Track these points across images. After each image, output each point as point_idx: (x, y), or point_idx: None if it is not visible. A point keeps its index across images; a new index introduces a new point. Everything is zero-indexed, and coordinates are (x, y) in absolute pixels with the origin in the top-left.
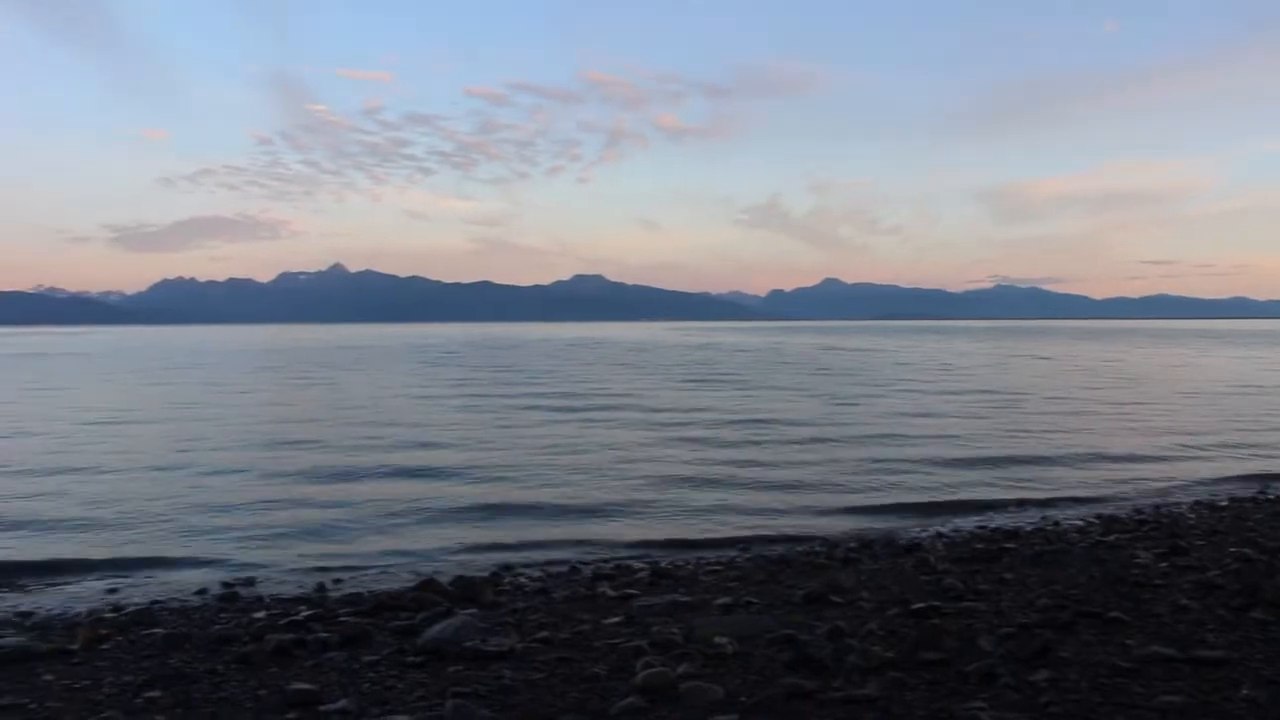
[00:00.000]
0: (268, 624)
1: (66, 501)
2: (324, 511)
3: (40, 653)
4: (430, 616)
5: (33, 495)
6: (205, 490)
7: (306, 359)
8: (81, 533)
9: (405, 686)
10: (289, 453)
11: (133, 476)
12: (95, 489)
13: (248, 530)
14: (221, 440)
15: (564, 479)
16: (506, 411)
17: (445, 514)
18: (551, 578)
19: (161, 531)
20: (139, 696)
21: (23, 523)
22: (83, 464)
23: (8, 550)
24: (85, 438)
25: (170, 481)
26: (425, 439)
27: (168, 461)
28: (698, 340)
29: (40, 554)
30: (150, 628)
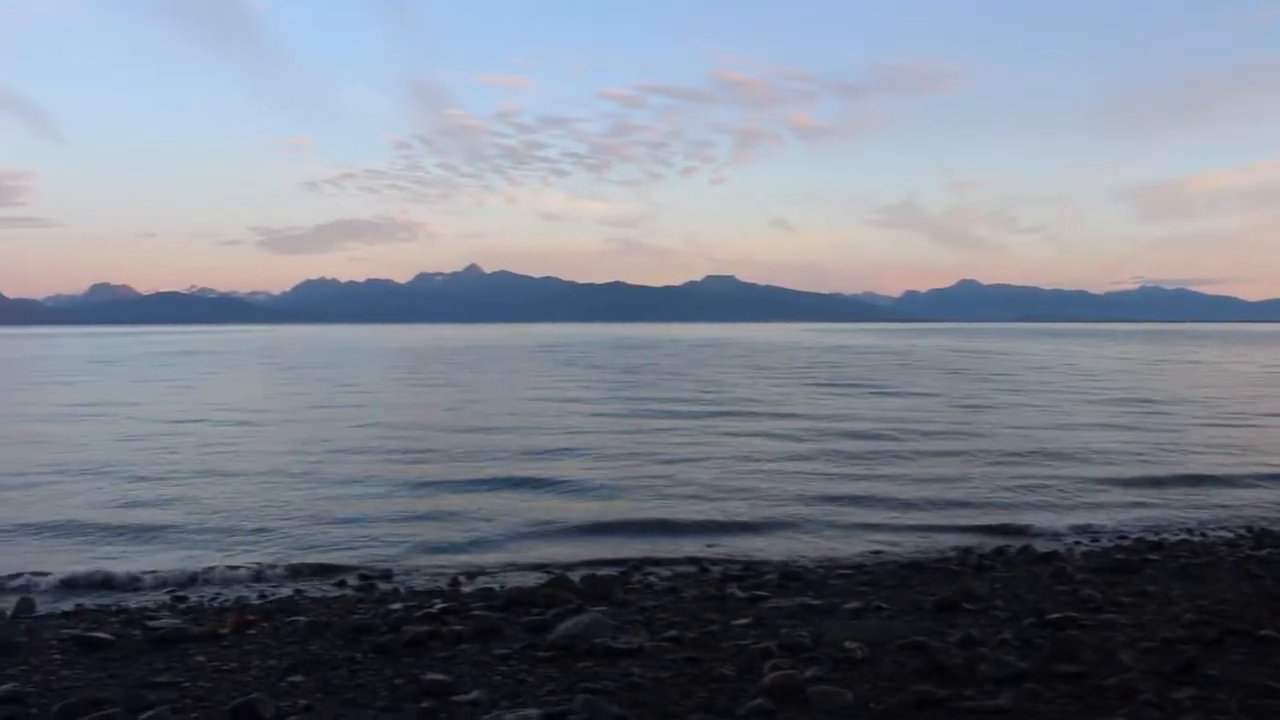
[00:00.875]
0: (403, 616)
1: (212, 495)
2: (457, 512)
3: (193, 635)
4: (561, 613)
5: (179, 493)
6: (341, 489)
7: (441, 359)
8: (226, 523)
9: (536, 680)
10: (421, 454)
11: (273, 475)
12: (238, 483)
13: (382, 527)
14: (357, 441)
15: (694, 490)
16: (636, 419)
17: (574, 517)
18: (680, 578)
19: (301, 525)
20: (283, 680)
21: (170, 521)
22: (228, 460)
23: (160, 541)
24: (230, 435)
25: (309, 479)
26: (555, 445)
27: (307, 460)
28: (829, 342)
29: (189, 545)
30: (293, 616)
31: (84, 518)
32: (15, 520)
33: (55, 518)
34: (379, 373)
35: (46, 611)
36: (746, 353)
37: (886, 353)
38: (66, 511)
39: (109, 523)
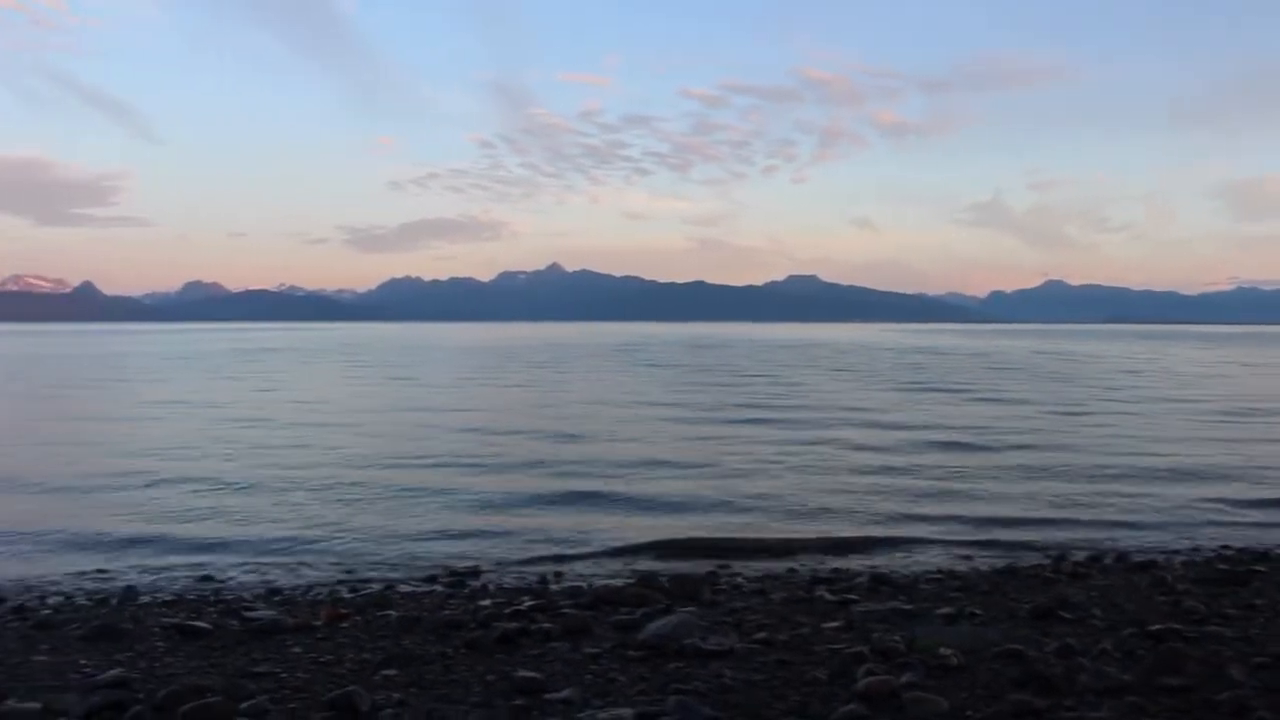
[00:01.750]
0: (493, 612)
1: (300, 490)
2: (540, 513)
3: (288, 627)
4: (650, 612)
5: (267, 489)
6: (426, 489)
7: (521, 358)
8: (313, 517)
9: (627, 680)
10: (502, 454)
11: (357, 473)
12: (324, 479)
13: (467, 526)
14: (440, 441)
15: (775, 498)
16: (712, 424)
17: (656, 520)
18: (769, 579)
19: (389, 522)
20: (377, 674)
21: (259, 515)
22: (313, 455)
23: (250, 533)
24: (315, 434)
25: (393, 477)
26: (633, 450)
27: (392, 458)
28: (913, 343)
29: (277, 538)
30: (385, 610)
31: (176, 510)
32: (113, 511)
33: (149, 510)
34: (460, 372)
35: (149, 600)
36: (828, 354)
37: (971, 354)
38: (159, 504)
39: (200, 515)
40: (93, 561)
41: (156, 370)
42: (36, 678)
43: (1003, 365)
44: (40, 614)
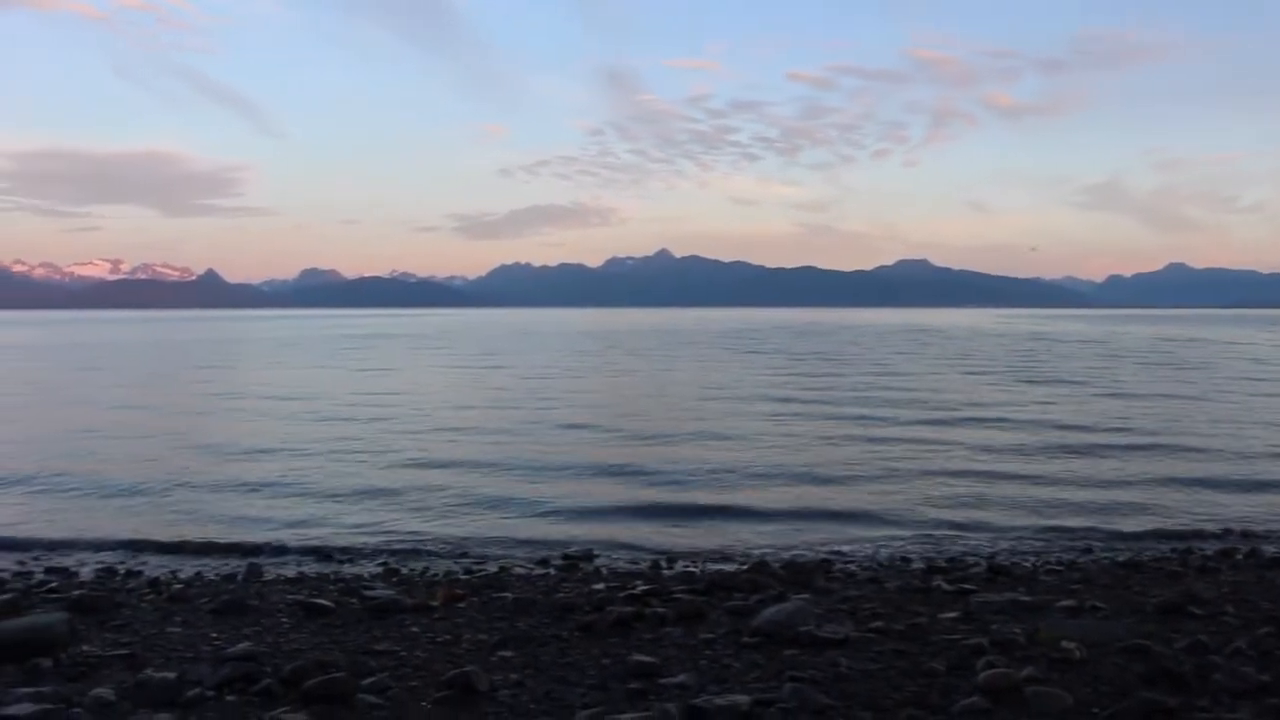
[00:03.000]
0: (607, 596)
1: (414, 473)
2: (653, 496)
3: (406, 606)
4: (764, 599)
5: (383, 470)
6: (537, 473)
7: (628, 344)
8: (429, 500)
9: (742, 666)
10: (610, 440)
11: (470, 456)
12: (438, 462)
13: (581, 508)
14: (553, 423)
15: (880, 491)
16: (823, 421)
17: (769, 507)
18: (883, 567)
19: (502, 506)
20: (494, 655)
21: (377, 496)
22: (429, 440)
23: (369, 515)
24: (432, 418)
25: (504, 462)
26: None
27: (504, 443)
28: (1028, 329)
29: (396, 520)
30: (500, 592)
31: (295, 491)
32: (237, 491)
33: (270, 490)
34: (568, 359)
35: (272, 577)
36: (938, 340)
37: (1090, 341)
38: (280, 484)
39: (318, 495)
40: (222, 540)
41: (277, 356)
42: (171, 648)
43: (1122, 353)
44: (173, 588)
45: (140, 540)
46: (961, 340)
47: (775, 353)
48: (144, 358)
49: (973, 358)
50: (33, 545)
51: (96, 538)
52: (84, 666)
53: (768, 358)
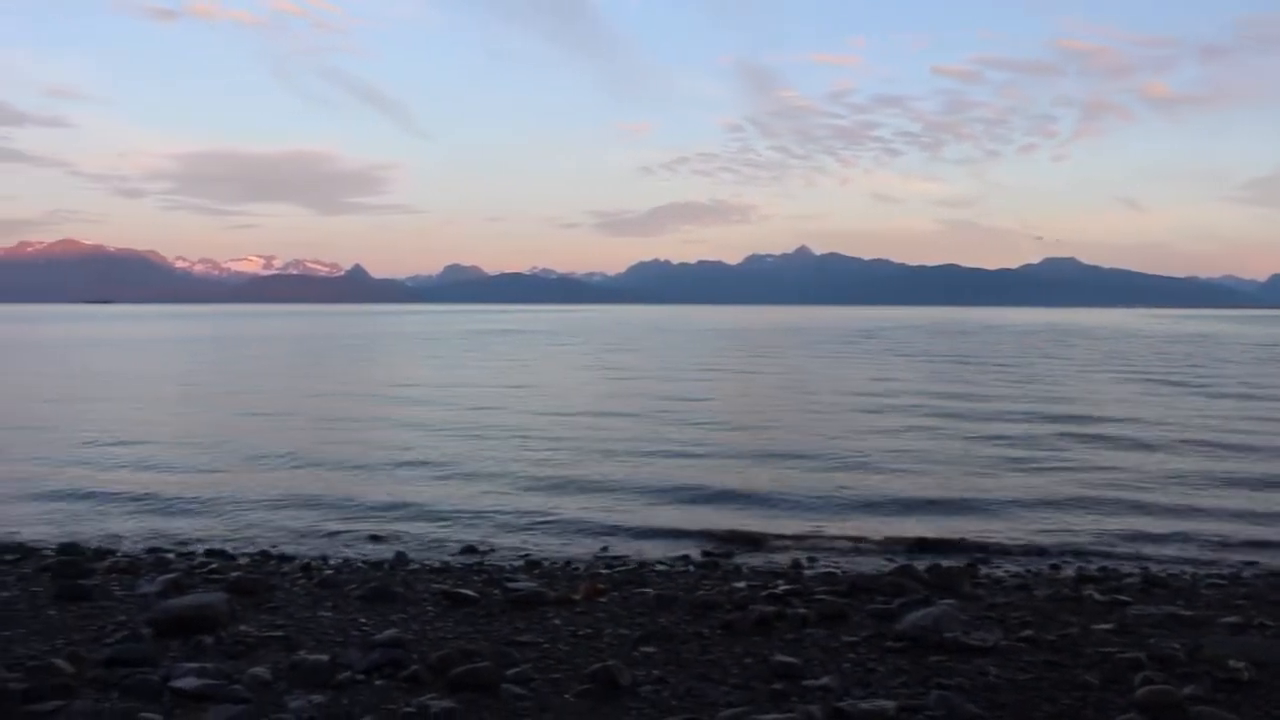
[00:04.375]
0: (748, 595)
1: (556, 469)
2: (793, 495)
3: (549, 599)
4: (907, 603)
5: (519, 462)
6: (675, 468)
7: (767, 342)
8: (568, 493)
9: (886, 671)
10: (744, 439)
11: (614, 453)
12: (580, 460)
13: (716, 505)
14: (689, 423)
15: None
16: (962, 424)
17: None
18: (1031, 574)
19: (642, 502)
20: (636, 650)
21: (514, 487)
22: (566, 436)
23: (504, 506)
24: (570, 414)
25: (647, 459)
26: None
27: (643, 438)
28: (1184, 330)
29: (542, 510)
30: (640, 587)
31: (438, 483)
32: (383, 481)
33: (415, 481)
34: (706, 356)
35: (418, 567)
36: (1085, 341)
37: (1254, 344)
38: (423, 477)
39: (460, 487)
40: (368, 528)
41: (427, 349)
42: (322, 632)
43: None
44: (323, 574)
45: (288, 524)
46: (1110, 342)
47: (914, 354)
48: (308, 350)
49: (1122, 361)
50: (185, 529)
51: (249, 520)
52: (242, 645)
53: (906, 359)
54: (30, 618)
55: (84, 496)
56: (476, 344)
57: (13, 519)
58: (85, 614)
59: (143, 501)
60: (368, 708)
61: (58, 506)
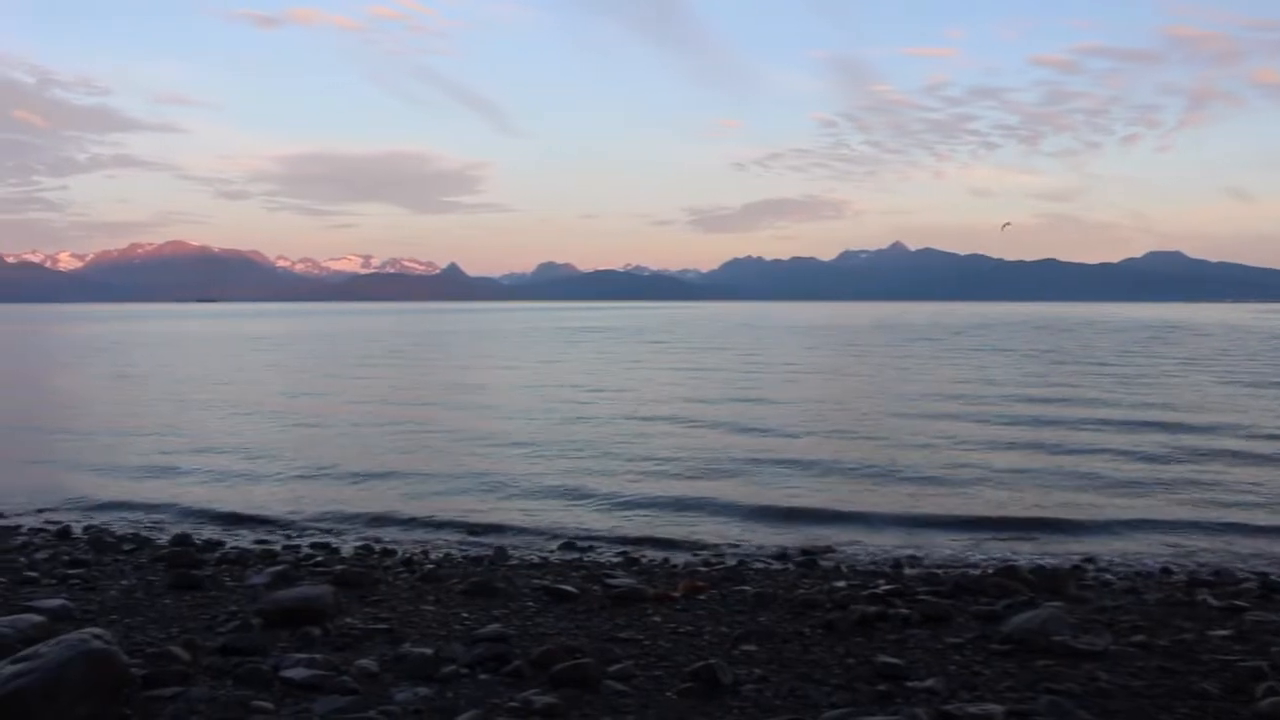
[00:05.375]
0: (849, 594)
1: (653, 464)
2: (889, 492)
3: (648, 596)
4: (1012, 605)
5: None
6: (772, 467)
7: (857, 339)
8: (678, 492)
9: (993, 674)
10: (837, 439)
11: (709, 449)
12: (676, 456)
13: (823, 503)
14: (785, 420)
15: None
16: (1063, 429)
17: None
18: (1140, 577)
19: (738, 499)
20: (737, 648)
21: (613, 485)
22: (662, 431)
23: (607, 504)
24: (666, 410)
25: (741, 456)
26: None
27: (742, 437)
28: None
29: (639, 505)
30: (739, 585)
31: (537, 479)
32: (481, 478)
33: (513, 478)
34: (800, 354)
35: (517, 562)
36: (1192, 338)
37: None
38: (521, 473)
39: (557, 481)
40: (468, 523)
41: (523, 346)
42: (426, 625)
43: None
44: (425, 568)
45: (389, 518)
46: (1217, 339)
47: (1010, 351)
48: (406, 347)
49: (1229, 359)
50: (291, 522)
51: (350, 514)
52: (348, 637)
53: (1002, 357)
54: (147, 606)
55: (193, 489)
56: (568, 342)
57: (129, 510)
58: (198, 603)
59: (248, 495)
60: (472, 701)
61: (168, 499)
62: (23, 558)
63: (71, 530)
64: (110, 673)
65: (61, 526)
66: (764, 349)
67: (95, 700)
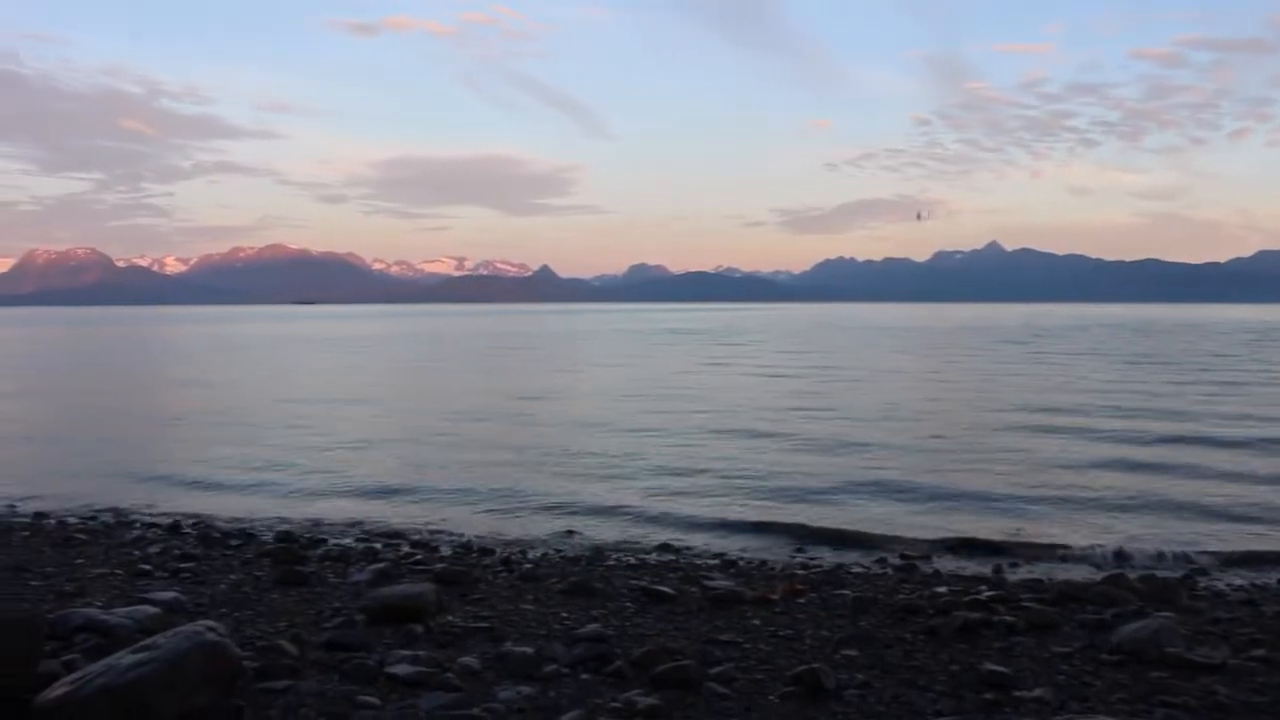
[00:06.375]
0: (951, 600)
1: (749, 468)
2: (985, 495)
3: (746, 598)
4: (1121, 614)
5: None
6: (878, 467)
7: (946, 341)
8: (773, 494)
9: (1104, 685)
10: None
11: (806, 452)
12: (774, 460)
13: (918, 507)
14: (881, 424)
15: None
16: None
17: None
18: (1256, 589)
19: (834, 502)
20: (838, 653)
21: (715, 485)
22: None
23: (697, 504)
24: (760, 414)
25: (838, 458)
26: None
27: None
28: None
29: (734, 506)
30: (839, 589)
31: (632, 480)
32: (577, 479)
33: (608, 479)
34: (893, 357)
35: (614, 563)
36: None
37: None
38: (617, 474)
39: (650, 480)
40: (564, 523)
41: (610, 347)
42: (526, 624)
43: None
44: (523, 567)
45: (489, 520)
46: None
47: (1108, 356)
48: (500, 348)
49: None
50: (389, 521)
51: (448, 513)
52: (450, 635)
53: (1099, 361)
54: (255, 600)
55: (294, 486)
56: (660, 342)
57: (233, 506)
58: (303, 599)
59: (346, 493)
60: (574, 701)
61: (270, 495)
62: (137, 551)
63: (181, 525)
64: (225, 664)
65: (172, 521)
66: (856, 352)
67: (211, 691)
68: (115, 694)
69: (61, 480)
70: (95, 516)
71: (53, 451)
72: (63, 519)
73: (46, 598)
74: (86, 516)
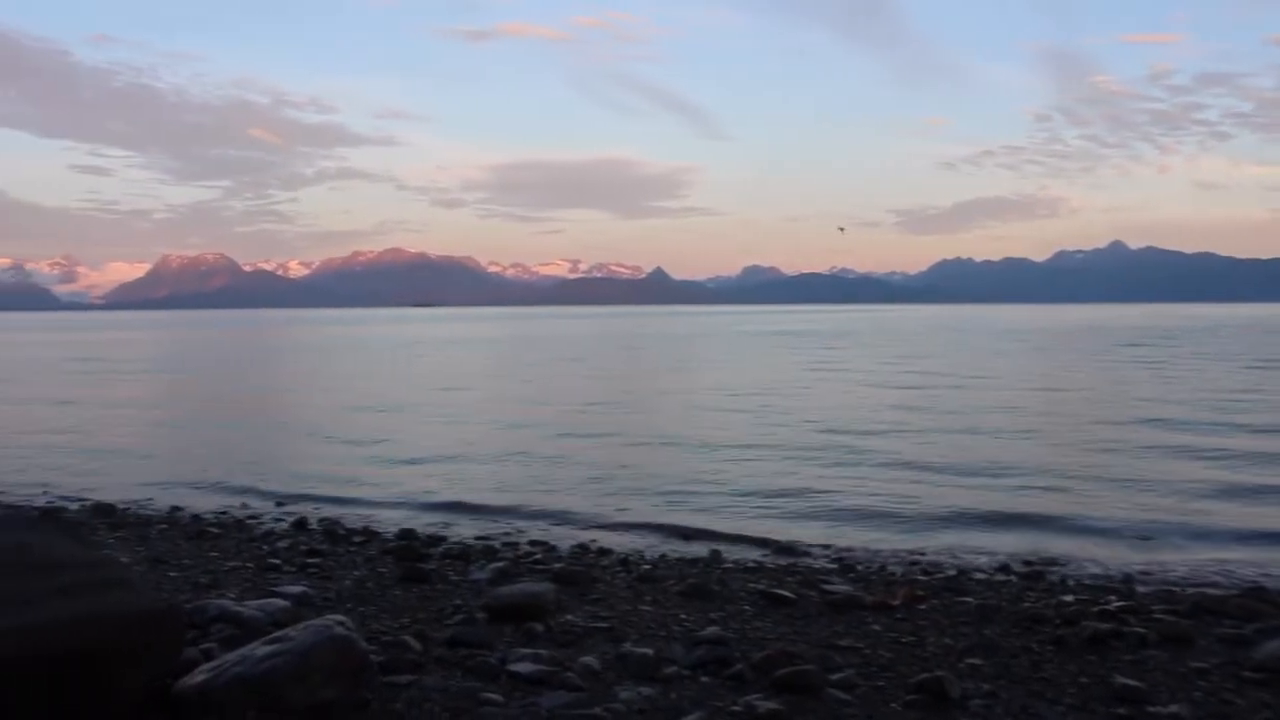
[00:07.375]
0: (1079, 610)
1: (870, 469)
2: (1122, 503)
3: (866, 604)
4: (1263, 630)
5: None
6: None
7: (1063, 344)
8: (896, 494)
9: (1246, 705)
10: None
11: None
12: (892, 460)
13: (1055, 514)
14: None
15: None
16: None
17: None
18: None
19: (959, 504)
20: (962, 661)
21: (837, 488)
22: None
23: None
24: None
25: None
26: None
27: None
28: None
29: (857, 510)
30: (961, 596)
31: (748, 482)
32: (696, 481)
33: (729, 481)
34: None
35: (731, 565)
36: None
37: None
38: (735, 477)
39: (775, 482)
40: (676, 522)
41: (721, 350)
42: (645, 625)
43: None
44: (641, 568)
45: (600, 518)
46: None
47: (1236, 360)
48: (613, 349)
49: None
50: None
51: (560, 512)
52: (570, 635)
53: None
54: (379, 596)
55: (415, 485)
56: (782, 346)
57: (357, 504)
58: (425, 595)
59: (466, 493)
60: (695, 703)
61: (392, 495)
62: (265, 546)
63: (308, 521)
64: (353, 658)
65: (298, 518)
66: (973, 353)
67: (340, 684)
68: (250, 683)
69: (197, 472)
70: (226, 511)
71: (186, 446)
72: (196, 514)
73: (184, 589)
74: (218, 511)
